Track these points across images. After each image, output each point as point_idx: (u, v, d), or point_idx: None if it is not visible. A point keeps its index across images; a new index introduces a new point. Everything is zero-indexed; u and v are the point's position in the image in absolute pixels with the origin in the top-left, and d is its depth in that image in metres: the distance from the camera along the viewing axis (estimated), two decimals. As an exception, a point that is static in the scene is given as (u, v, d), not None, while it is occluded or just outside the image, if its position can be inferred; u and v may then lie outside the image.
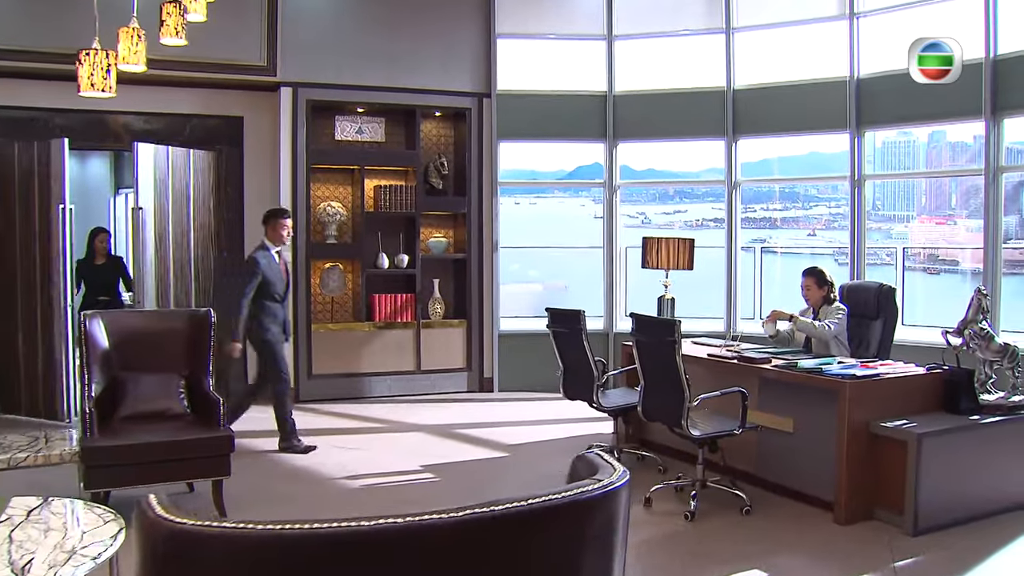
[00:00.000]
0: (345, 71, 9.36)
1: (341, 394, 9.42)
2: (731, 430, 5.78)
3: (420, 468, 7.00)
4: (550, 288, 12.74)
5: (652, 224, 12.50)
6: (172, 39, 5.31)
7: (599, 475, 2.00)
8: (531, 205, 12.74)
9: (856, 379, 5.63)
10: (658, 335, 5.75)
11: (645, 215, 12.64)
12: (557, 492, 1.90)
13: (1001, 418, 5.83)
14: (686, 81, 9.93)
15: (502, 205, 11.97)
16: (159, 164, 8.69)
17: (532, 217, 12.73)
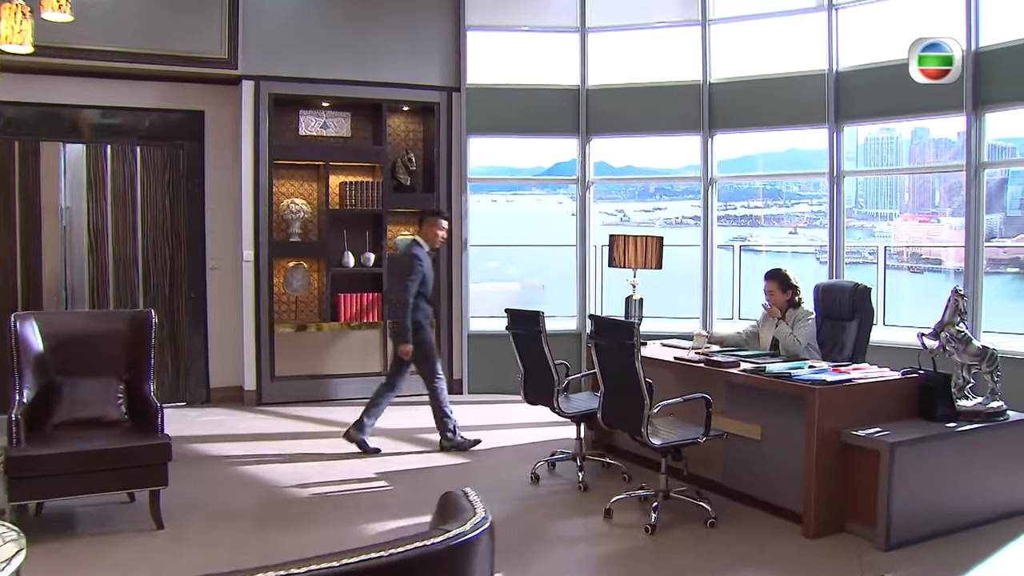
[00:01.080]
0: (309, 64, 9.00)
1: (305, 397, 9.06)
2: (695, 438, 5.43)
3: (375, 476, 6.65)
4: (528, 287, 12.41)
5: (631, 222, 12.18)
6: (56, 14, 4.89)
7: (452, 523, 1.63)
8: (508, 203, 12.42)
9: (826, 385, 5.28)
10: (617, 338, 5.39)
11: (624, 212, 12.31)
12: (390, 547, 1.52)
13: (979, 425, 5.49)
14: (661, 75, 9.59)
15: (478, 202, 11.63)
16: (94, 161, 8.47)
17: (510, 215, 12.41)
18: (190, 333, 9.01)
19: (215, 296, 9.07)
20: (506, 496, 6.16)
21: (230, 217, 8.96)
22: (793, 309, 6.53)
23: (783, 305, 6.54)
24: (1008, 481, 5.63)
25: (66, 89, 8.43)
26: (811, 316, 6.48)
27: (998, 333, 8.67)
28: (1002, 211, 11.36)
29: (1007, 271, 11.02)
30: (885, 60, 8.52)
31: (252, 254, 8.84)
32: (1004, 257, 11.17)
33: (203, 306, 9.05)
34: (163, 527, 5.33)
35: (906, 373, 5.68)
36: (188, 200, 8.95)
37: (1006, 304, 10.53)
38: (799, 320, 6.46)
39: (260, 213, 8.85)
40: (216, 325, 9.08)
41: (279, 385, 9.00)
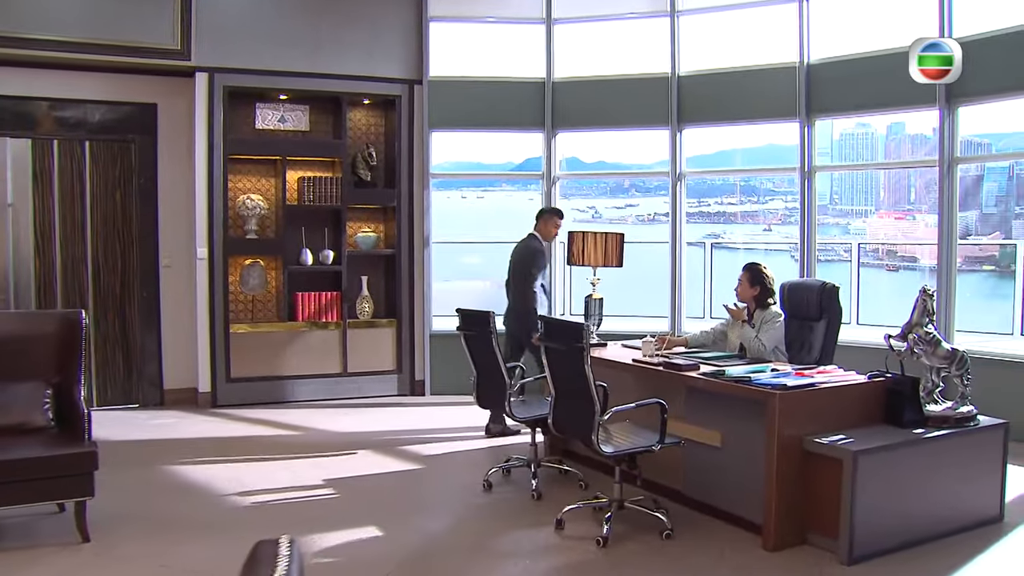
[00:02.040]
0: (265, 56, 8.62)
1: (261, 399, 8.70)
2: (649, 446, 5.09)
3: (323, 483, 6.29)
4: (499, 285, 12.06)
5: (603, 219, 11.85)
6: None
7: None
8: (478, 199, 12.08)
9: (786, 390, 4.94)
10: (566, 341, 5.05)
11: (596, 209, 11.97)
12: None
13: (948, 431, 5.17)
14: (629, 67, 9.25)
15: (448, 198, 11.31)
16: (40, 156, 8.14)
17: (480, 211, 12.08)
18: (142, 333, 8.63)
19: (168, 295, 8.69)
20: (455, 504, 5.83)
21: (184, 213, 8.58)
22: (761, 310, 6.20)
23: (750, 300, 6.22)
24: (978, 490, 5.32)
25: (10, 81, 8.05)
26: (779, 318, 6.15)
27: (972, 333, 8.40)
28: (978, 208, 11.08)
29: (983, 269, 10.73)
30: (858, 52, 8.24)
31: (206, 252, 8.47)
32: (980, 255, 10.90)
33: (156, 305, 8.67)
34: (89, 540, 4.99)
35: (872, 376, 5.36)
36: (140, 196, 8.57)
37: (982, 303, 10.24)
38: (766, 322, 6.13)
39: (215, 209, 8.48)
40: (170, 325, 8.70)
41: (235, 387, 8.63)
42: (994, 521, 5.34)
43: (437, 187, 10.40)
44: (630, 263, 10.71)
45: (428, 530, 5.36)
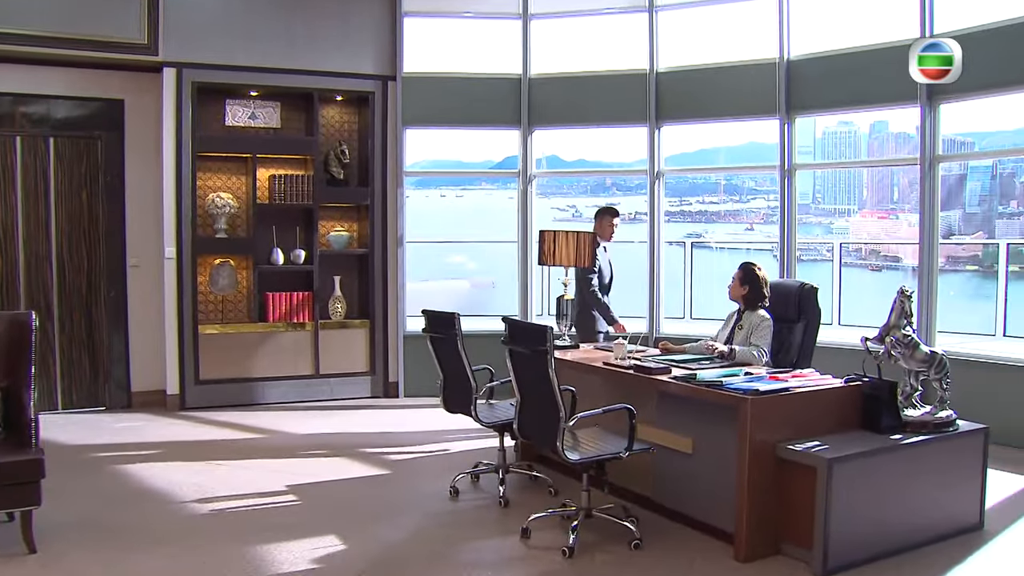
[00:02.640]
0: (235, 51, 8.37)
1: (231, 401, 8.45)
2: (616, 453, 4.86)
3: (286, 489, 6.05)
4: (478, 285, 11.86)
5: (583, 218, 11.62)
6: None
7: None
8: (458, 197, 11.87)
9: (758, 394, 4.71)
10: (530, 343, 4.82)
11: (576, 208, 11.76)
12: None
13: (927, 437, 4.97)
14: (606, 63, 9.03)
15: (427, 197, 11.10)
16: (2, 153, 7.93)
17: (459, 210, 11.87)
18: (110, 334, 8.37)
19: (136, 295, 8.43)
20: (420, 512, 5.58)
21: (152, 212, 8.33)
22: (750, 312, 5.96)
23: (738, 299, 6.01)
24: (957, 497, 5.12)
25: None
26: (768, 322, 5.91)
27: (954, 334, 8.22)
28: (961, 208, 10.91)
29: (966, 269, 10.56)
30: (838, 48, 8.04)
31: (174, 251, 8.23)
32: (963, 255, 10.73)
33: (123, 306, 8.42)
34: (35, 550, 4.75)
35: (849, 380, 5.14)
36: (107, 194, 8.30)
37: (965, 303, 10.06)
38: (755, 327, 5.89)
39: (183, 208, 8.23)
40: (137, 326, 8.45)
41: (204, 389, 8.38)
42: (974, 529, 5.14)
43: (415, 186, 10.21)
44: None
45: (389, 539, 5.13)
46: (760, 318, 5.92)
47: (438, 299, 11.23)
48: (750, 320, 5.94)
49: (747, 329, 5.92)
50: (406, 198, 9.23)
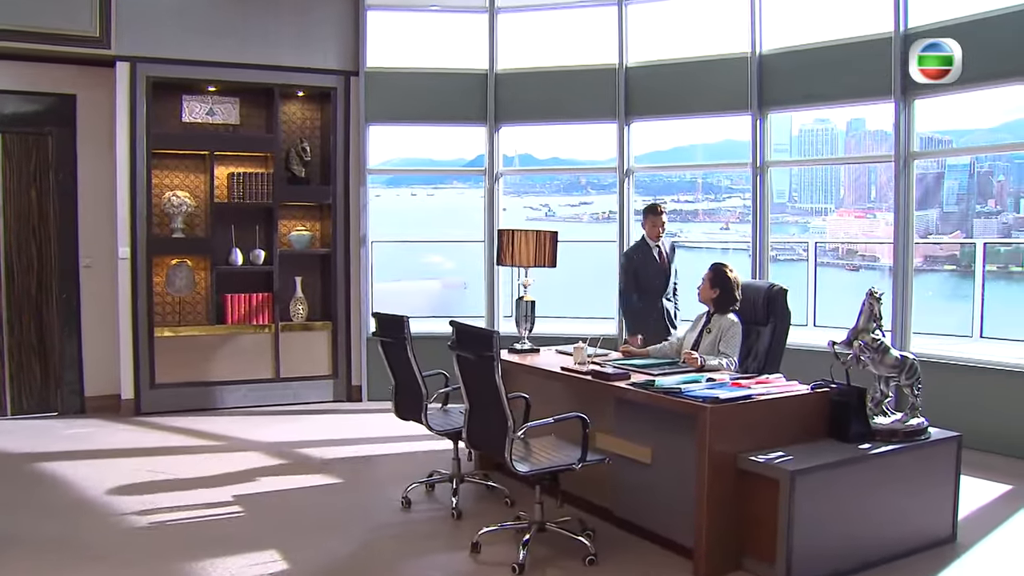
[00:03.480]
0: (192, 45, 8.03)
1: (188, 406, 8.11)
2: (569, 465, 4.54)
3: (232, 499, 5.73)
4: (449, 286, 11.51)
5: (556, 217, 11.31)
6: None
7: None
8: (429, 196, 11.52)
9: (718, 403, 4.40)
10: (476, 349, 4.50)
11: (549, 207, 11.43)
12: None
13: (897, 446, 4.68)
14: (575, 58, 8.70)
15: (397, 196, 10.80)
16: None
17: (430, 209, 11.53)
18: (62, 337, 8.02)
19: (89, 297, 8.08)
20: (368, 525, 5.26)
21: (106, 211, 7.98)
22: (720, 315, 5.63)
23: (708, 302, 5.69)
24: (929, 508, 4.83)
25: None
26: (737, 327, 5.60)
27: (932, 335, 7.94)
28: (938, 206, 10.64)
29: (944, 268, 10.28)
30: (811, 42, 7.74)
31: (128, 251, 7.88)
32: (941, 254, 10.45)
33: (76, 308, 8.06)
34: (-50, 568, 4.41)
35: (816, 387, 4.84)
36: (58, 192, 7.95)
37: (942, 304, 9.79)
38: (724, 332, 5.56)
39: (137, 206, 7.89)
40: (90, 328, 8.09)
41: (159, 393, 8.04)
42: (946, 541, 4.87)
43: (385, 184, 9.89)
44: (582, 263, 10.22)
45: (333, 553, 4.81)
46: (730, 323, 5.60)
47: (408, 300, 10.93)
48: (719, 324, 5.62)
49: (716, 334, 5.60)
50: (376, 197, 8.93)
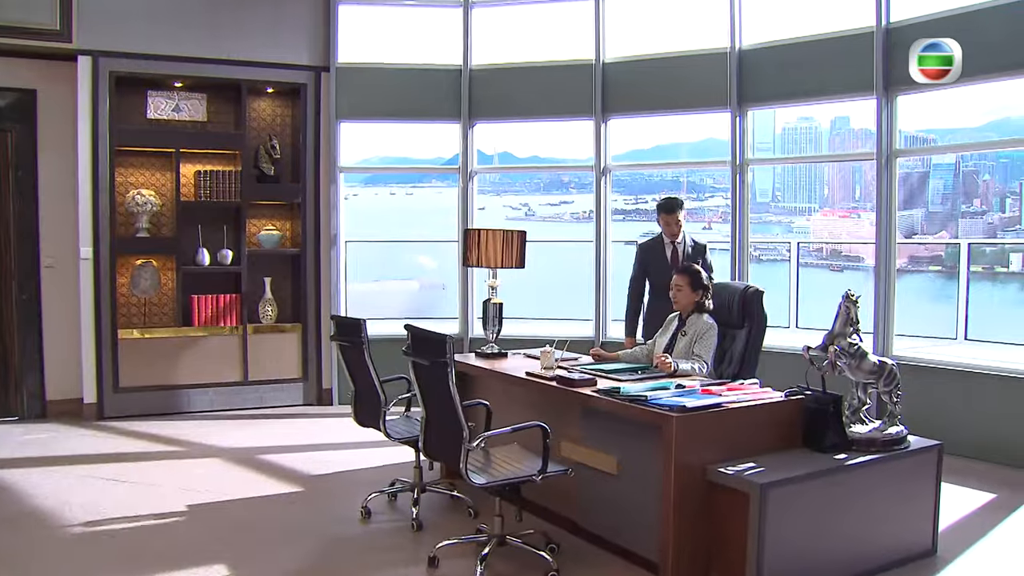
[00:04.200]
0: (157, 39, 7.74)
1: (154, 410, 7.82)
2: (529, 476, 4.26)
3: (186, 509, 5.43)
4: (428, 287, 11.24)
5: (536, 216, 11.05)
6: None
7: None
8: (408, 195, 11.25)
9: (685, 412, 4.12)
10: (430, 354, 4.22)
11: (528, 207, 11.15)
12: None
13: (874, 456, 4.40)
14: (551, 54, 8.42)
15: (376, 195, 10.54)
16: None
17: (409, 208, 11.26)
18: (22, 339, 7.71)
19: (51, 298, 7.77)
20: (323, 537, 4.97)
21: (68, 209, 7.68)
22: (697, 315, 5.37)
23: (689, 307, 5.40)
24: (908, 521, 4.56)
25: None
26: (714, 329, 5.34)
27: (916, 337, 7.69)
28: (924, 206, 10.40)
29: (929, 269, 10.02)
30: (792, 37, 7.48)
31: (91, 251, 7.59)
32: (926, 255, 10.20)
33: (37, 309, 7.75)
34: None
35: (790, 394, 4.56)
36: (18, 190, 7.65)
37: (927, 305, 9.53)
38: (701, 335, 5.30)
39: (100, 205, 7.59)
40: (52, 330, 7.78)
41: (123, 397, 7.74)
42: (926, 555, 4.61)
43: (363, 183, 9.63)
44: (560, 263, 9.96)
45: (284, 567, 4.52)
46: (706, 325, 5.33)
47: (386, 301, 10.67)
48: (695, 326, 5.35)
49: (691, 336, 5.33)
50: (354, 196, 8.66)
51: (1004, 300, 9.51)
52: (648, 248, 6.58)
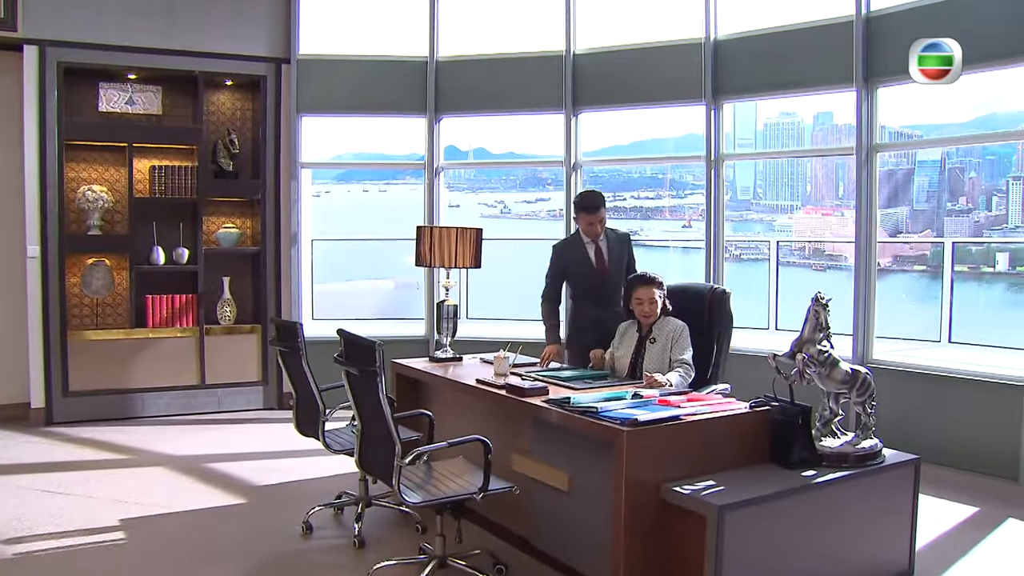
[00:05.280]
0: (110, 29, 7.34)
1: (105, 415, 7.42)
2: (470, 494, 3.87)
3: (118, 523, 5.04)
4: (402, 286, 10.86)
5: (512, 214, 10.66)
6: None
7: None
8: (381, 192, 10.86)
9: (637, 425, 3.73)
10: (360, 362, 3.83)
11: (504, 204, 10.76)
12: None
13: (846, 473, 4.01)
14: (520, 45, 8.01)
15: (348, 192, 10.21)
16: None
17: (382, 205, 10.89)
18: (-33, 342, 7.32)
19: (-4, 298, 7.38)
20: (260, 554, 4.58)
21: (13, 207, 7.28)
22: (664, 318, 4.97)
23: (656, 316, 4.97)
24: (882, 540, 4.17)
25: None
26: (687, 328, 4.94)
27: (896, 340, 7.33)
28: (908, 204, 10.02)
29: (914, 269, 9.65)
30: (769, 27, 7.09)
31: (38, 249, 7.19)
32: (911, 254, 9.82)
33: (-18, 310, 7.36)
34: None
35: (756, 405, 4.17)
36: (-37, 186, 7.25)
37: (911, 306, 9.16)
38: (678, 339, 4.88)
39: (48, 202, 7.19)
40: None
41: (74, 401, 7.34)
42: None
43: (336, 180, 9.27)
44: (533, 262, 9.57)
45: (210, 592, 4.13)
46: (679, 327, 4.92)
47: (358, 301, 10.29)
48: (664, 331, 4.94)
49: (664, 342, 4.90)
50: (326, 193, 8.31)
51: (990, 301, 9.15)
52: (566, 248, 5.65)
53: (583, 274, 5.57)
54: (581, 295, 5.63)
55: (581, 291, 5.63)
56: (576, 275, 5.60)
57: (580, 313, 5.65)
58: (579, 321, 5.63)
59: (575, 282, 5.65)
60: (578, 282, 5.63)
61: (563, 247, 5.66)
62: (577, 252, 5.57)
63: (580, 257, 5.55)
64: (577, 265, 5.56)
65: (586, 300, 5.59)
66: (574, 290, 5.71)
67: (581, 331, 5.58)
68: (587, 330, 5.50)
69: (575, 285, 5.67)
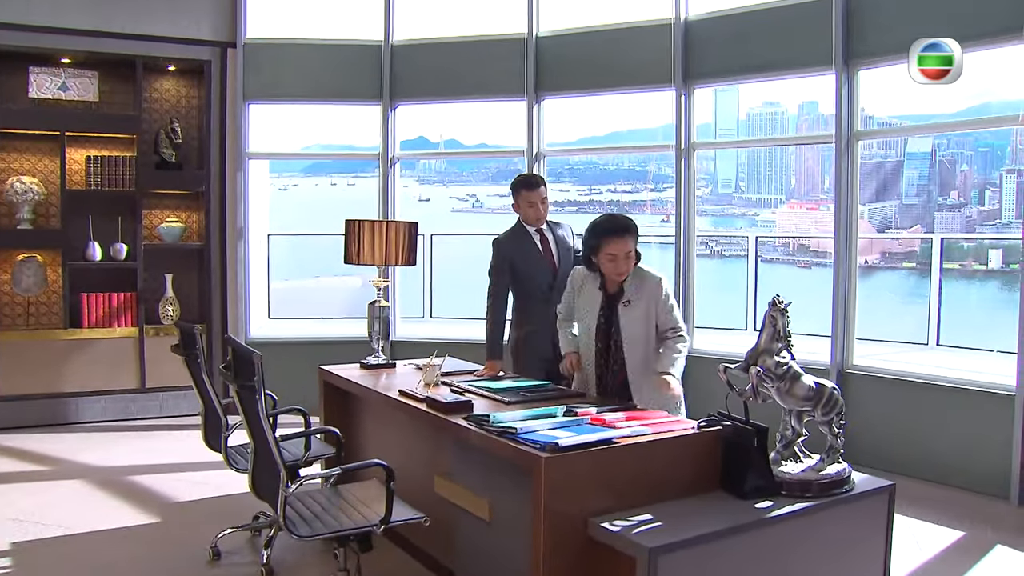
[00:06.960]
0: (38, 8, 6.78)
1: (35, 421, 6.87)
2: (369, 527, 3.28)
3: (9, 548, 4.47)
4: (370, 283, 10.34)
5: (484, 208, 10.08)
6: None
7: None
8: (349, 186, 10.31)
9: (557, 451, 3.13)
10: (241, 375, 3.25)
11: (476, 197, 10.18)
12: None
13: (808, 504, 3.38)
14: (480, 28, 7.42)
15: (316, 185, 9.73)
16: None
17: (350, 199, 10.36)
18: None
19: (-81, 297, 6.81)
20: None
21: (-60, 199, 6.71)
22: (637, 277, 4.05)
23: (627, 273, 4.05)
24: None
25: None
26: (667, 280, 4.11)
27: (879, 342, 6.74)
28: (898, 198, 9.41)
29: (903, 266, 9.04)
30: (742, 5, 6.49)
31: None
32: (900, 250, 9.22)
33: (-95, 310, 6.79)
34: None
35: (706, 424, 3.56)
36: None
37: (898, 306, 8.55)
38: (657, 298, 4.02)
39: (-29, 195, 6.62)
40: (-77, 333, 6.82)
41: (2, 407, 6.76)
42: (873, 619, 3.59)
43: (303, 173, 8.73)
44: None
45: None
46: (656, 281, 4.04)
47: (322, 298, 9.74)
48: (643, 289, 4.02)
49: (646, 304, 4.02)
50: (293, 186, 7.74)
51: (982, 300, 8.54)
52: (510, 240, 4.87)
53: (534, 268, 4.82)
54: (530, 292, 4.85)
55: (530, 288, 4.84)
56: (525, 270, 4.83)
57: (530, 314, 4.85)
58: (531, 324, 4.82)
59: (524, 277, 4.85)
60: (529, 278, 4.84)
61: (506, 239, 4.87)
62: (524, 243, 4.84)
63: (528, 248, 4.83)
64: (526, 258, 4.82)
65: (535, 299, 4.82)
66: (521, 288, 4.88)
67: (533, 335, 4.83)
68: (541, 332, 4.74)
69: (522, 282, 4.86)
